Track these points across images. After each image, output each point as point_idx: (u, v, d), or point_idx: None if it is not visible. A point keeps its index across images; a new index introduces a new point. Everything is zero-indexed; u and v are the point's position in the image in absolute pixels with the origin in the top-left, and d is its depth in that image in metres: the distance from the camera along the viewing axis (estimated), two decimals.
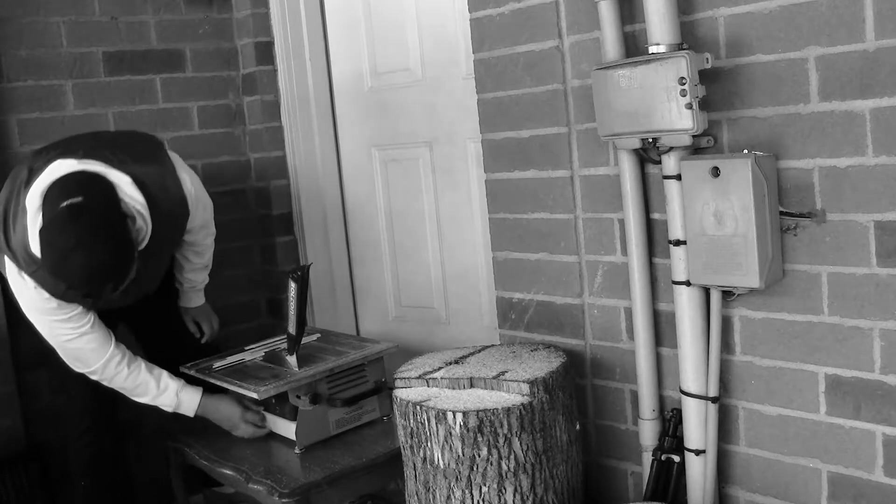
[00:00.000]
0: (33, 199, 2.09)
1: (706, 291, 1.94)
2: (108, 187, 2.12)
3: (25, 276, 2.15)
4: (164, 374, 2.38)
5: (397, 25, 3.00)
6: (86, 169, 2.13)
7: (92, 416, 2.51)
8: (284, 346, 2.46)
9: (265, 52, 3.23)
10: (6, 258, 2.17)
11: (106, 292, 2.07)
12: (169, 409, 2.39)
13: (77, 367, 2.30)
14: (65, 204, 2.01)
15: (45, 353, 2.43)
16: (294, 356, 2.41)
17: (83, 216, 2.02)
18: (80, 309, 2.24)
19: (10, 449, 2.73)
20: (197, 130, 3.17)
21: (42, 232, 2.03)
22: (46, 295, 2.17)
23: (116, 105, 3.01)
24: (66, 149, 2.20)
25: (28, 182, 2.13)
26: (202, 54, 3.21)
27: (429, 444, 1.92)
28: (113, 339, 2.33)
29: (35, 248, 2.08)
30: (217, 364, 2.53)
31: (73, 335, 2.25)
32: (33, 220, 2.08)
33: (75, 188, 2.07)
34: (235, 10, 3.27)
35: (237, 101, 3.31)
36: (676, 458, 2.04)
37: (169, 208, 2.26)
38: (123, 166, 2.18)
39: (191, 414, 2.39)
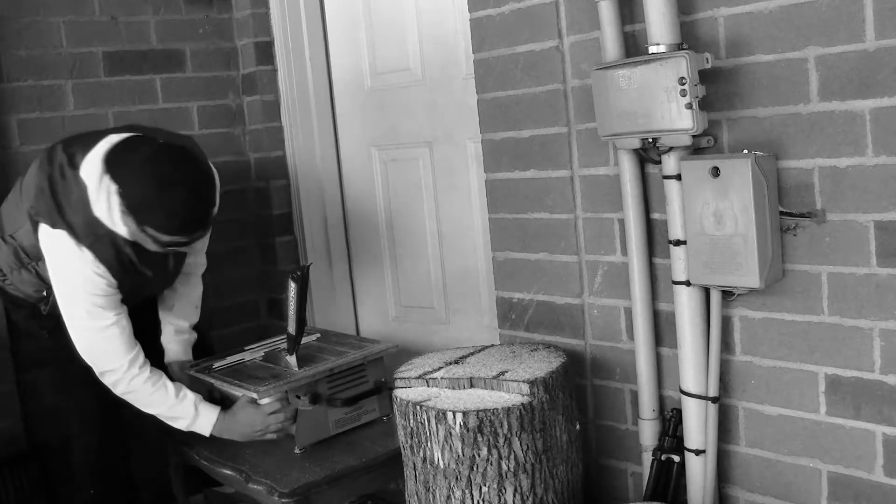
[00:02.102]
0: (92, 168, 2.11)
1: (706, 291, 1.94)
2: None
3: (84, 249, 2.16)
4: (184, 385, 2.35)
5: (397, 25, 3.00)
6: (141, 135, 2.21)
7: (98, 420, 2.49)
8: (284, 346, 2.46)
9: (265, 52, 3.23)
10: (61, 233, 2.16)
11: (202, 226, 2.13)
12: (184, 423, 2.32)
13: (101, 364, 2.25)
14: (151, 147, 2.12)
15: (54, 359, 2.44)
16: (294, 356, 2.41)
17: (174, 152, 2.13)
18: (120, 297, 2.24)
19: (10, 449, 2.73)
20: (197, 130, 3.17)
21: (139, 166, 2.08)
22: (101, 269, 2.18)
23: (116, 105, 3.01)
24: (105, 132, 2.25)
25: (72, 163, 2.15)
26: (202, 54, 3.21)
27: (429, 444, 1.92)
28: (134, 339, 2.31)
29: (102, 212, 2.10)
30: (217, 364, 2.53)
31: (111, 321, 2.22)
32: (97, 187, 2.10)
33: (144, 142, 2.16)
34: (235, 10, 3.27)
35: (237, 101, 3.31)
36: (676, 458, 2.04)
37: None
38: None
39: (206, 432, 2.33)
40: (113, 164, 2.10)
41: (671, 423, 2.06)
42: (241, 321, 3.30)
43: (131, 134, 2.21)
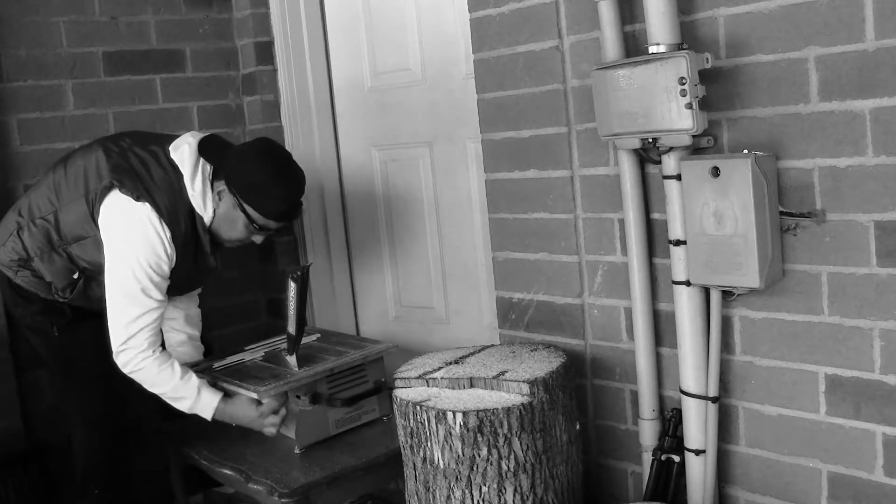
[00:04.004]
0: (187, 155, 2.30)
1: (706, 291, 1.94)
2: None
3: (164, 225, 2.24)
4: (189, 369, 2.38)
5: (397, 25, 3.00)
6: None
7: (102, 421, 2.49)
8: (284, 346, 2.46)
9: (265, 52, 3.23)
10: (146, 206, 2.23)
11: (296, 217, 2.47)
12: (187, 403, 2.34)
13: (125, 342, 2.27)
14: (260, 139, 2.44)
15: (62, 358, 2.43)
16: (294, 356, 2.41)
17: (283, 148, 2.47)
18: (168, 283, 2.31)
19: (10, 449, 2.73)
20: (197, 130, 3.16)
21: (255, 152, 2.34)
22: (171, 250, 2.27)
23: (116, 105, 3.01)
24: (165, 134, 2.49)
25: (149, 150, 2.32)
26: (202, 54, 3.21)
27: (429, 444, 1.92)
28: None
29: (197, 194, 2.27)
30: (217, 364, 2.53)
31: (156, 304, 2.28)
32: (193, 167, 2.28)
33: (224, 139, 2.48)
34: (235, 10, 3.27)
35: (237, 101, 3.31)
36: (676, 458, 2.04)
37: None
38: None
39: (208, 415, 2.35)
40: (212, 149, 2.33)
41: (671, 423, 2.06)
42: (241, 321, 3.29)
43: (211, 133, 2.47)
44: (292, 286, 2.34)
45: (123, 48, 3.03)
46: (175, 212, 2.27)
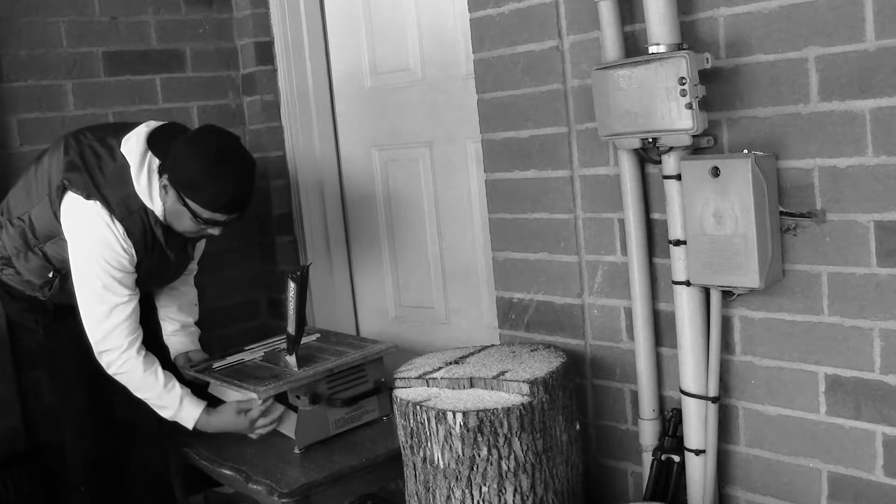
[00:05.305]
0: (134, 145, 2.25)
1: (706, 291, 1.94)
2: None
3: (116, 222, 2.22)
4: (174, 377, 2.37)
5: (397, 25, 3.00)
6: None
7: (90, 418, 2.50)
8: (284, 346, 2.46)
9: (265, 52, 3.23)
10: (95, 204, 2.21)
11: (242, 208, 2.25)
12: (169, 413, 2.35)
13: (103, 342, 2.27)
14: (204, 128, 2.35)
15: (46, 355, 2.43)
16: (294, 356, 2.41)
17: (227, 135, 2.28)
18: (135, 277, 2.30)
19: (10, 449, 2.73)
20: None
21: (190, 143, 2.23)
22: (127, 244, 2.24)
23: (116, 105, 3.01)
24: (129, 123, 2.39)
25: (105, 143, 2.28)
26: (202, 54, 3.21)
27: (429, 444, 1.92)
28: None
29: (143, 188, 2.22)
30: (217, 364, 2.53)
31: (124, 299, 2.26)
32: (140, 163, 2.23)
33: (185, 128, 2.37)
34: (235, 10, 3.27)
35: (237, 101, 3.31)
36: (676, 458, 2.04)
37: None
38: None
39: (189, 425, 2.35)
40: (161, 141, 2.25)
41: (671, 423, 2.06)
42: (241, 321, 3.30)
43: (170, 122, 2.40)
44: (292, 286, 2.34)
45: (123, 48, 3.02)
46: (127, 207, 2.24)
